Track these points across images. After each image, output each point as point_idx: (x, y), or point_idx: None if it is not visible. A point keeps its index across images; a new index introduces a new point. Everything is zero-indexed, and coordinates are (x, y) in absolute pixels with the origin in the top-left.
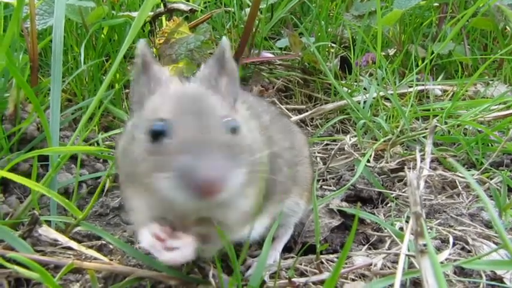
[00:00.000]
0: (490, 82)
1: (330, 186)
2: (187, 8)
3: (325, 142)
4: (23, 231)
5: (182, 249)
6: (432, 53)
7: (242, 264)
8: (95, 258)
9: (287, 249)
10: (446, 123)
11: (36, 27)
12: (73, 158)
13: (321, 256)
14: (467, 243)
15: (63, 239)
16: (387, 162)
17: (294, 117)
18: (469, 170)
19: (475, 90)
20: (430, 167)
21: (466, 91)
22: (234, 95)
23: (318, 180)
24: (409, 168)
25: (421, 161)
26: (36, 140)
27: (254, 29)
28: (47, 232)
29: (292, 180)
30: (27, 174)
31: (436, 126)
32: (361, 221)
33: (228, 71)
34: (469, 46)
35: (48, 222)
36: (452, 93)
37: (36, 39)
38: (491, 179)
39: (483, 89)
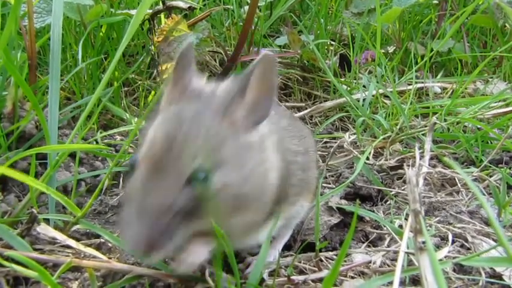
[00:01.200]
0: (490, 79)
1: (329, 183)
2: (186, 6)
3: (325, 140)
4: (22, 230)
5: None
6: (431, 50)
7: (241, 262)
8: (94, 257)
9: (286, 247)
10: (445, 120)
11: (34, 25)
12: (72, 156)
13: (320, 254)
14: (466, 240)
15: (61, 237)
16: (386, 160)
17: (294, 115)
18: (468, 168)
19: (475, 88)
20: (429, 165)
21: (466, 88)
22: (260, 115)
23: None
24: (408, 165)
25: (420, 159)
26: (34, 138)
27: (253, 27)
28: (45, 230)
29: (305, 183)
30: (26, 173)
31: (436, 123)
32: (360, 219)
33: (264, 89)
34: (469, 43)
35: (47, 221)
36: (451, 90)
37: (35, 37)
38: (490, 176)
39: (483, 87)
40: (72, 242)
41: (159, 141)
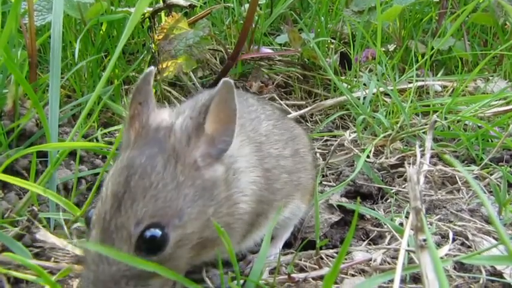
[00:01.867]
0: (490, 78)
1: (330, 182)
2: (187, 4)
3: (325, 138)
4: (22, 228)
5: None
6: (432, 48)
7: (242, 260)
8: None
9: (287, 245)
10: (446, 118)
11: (34, 23)
12: (72, 154)
13: (321, 251)
14: (467, 238)
15: (60, 244)
16: (387, 158)
17: (294, 113)
18: (469, 166)
19: (475, 86)
20: (430, 163)
21: (466, 87)
22: (222, 146)
23: (318, 176)
24: (409, 163)
25: (421, 157)
26: (35, 136)
27: (254, 25)
28: (44, 237)
29: (295, 185)
30: (27, 171)
31: (436, 121)
32: (361, 217)
33: (224, 119)
34: (469, 42)
35: (47, 219)
36: (452, 89)
37: (35, 35)
38: (491, 174)
39: (483, 85)
40: (71, 248)
41: (108, 200)
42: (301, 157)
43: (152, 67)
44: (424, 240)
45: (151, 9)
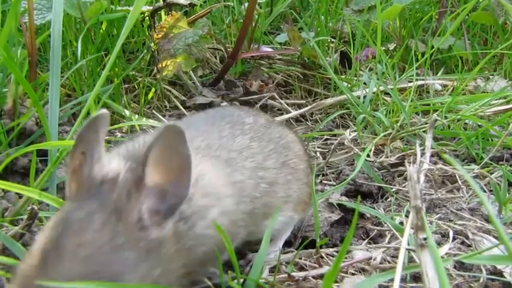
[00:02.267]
0: (490, 77)
1: (330, 180)
2: (187, 3)
3: (325, 137)
4: (22, 226)
5: None
6: (432, 47)
7: (242, 258)
8: None
9: (287, 243)
10: (446, 117)
11: (34, 22)
12: None
13: (321, 250)
14: (467, 237)
15: None
16: (387, 157)
17: (294, 112)
18: (469, 165)
19: (475, 85)
20: (430, 161)
21: (466, 86)
22: (173, 203)
23: (318, 175)
24: (410, 162)
25: (421, 156)
26: (35, 135)
27: (254, 24)
28: None
29: (283, 199)
30: (26, 169)
31: (437, 120)
32: (361, 216)
33: (172, 170)
34: (469, 41)
35: (48, 218)
36: (452, 88)
37: (35, 34)
38: (491, 173)
39: (483, 84)
40: None
41: (35, 255)
42: (291, 168)
43: (104, 110)
44: (425, 239)
45: (151, 8)
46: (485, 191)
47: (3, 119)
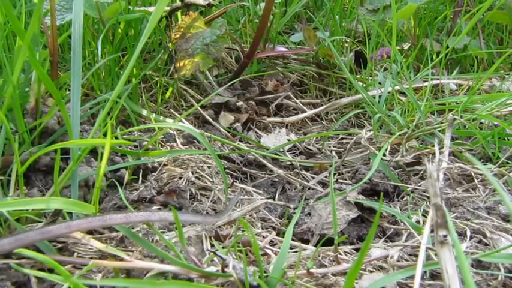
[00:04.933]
0: (506, 76)
1: (346, 179)
2: (205, 3)
3: (340, 136)
4: (46, 223)
5: None
6: (447, 47)
7: (263, 255)
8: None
9: (304, 241)
10: (461, 117)
11: (56, 23)
12: (91, 151)
13: (338, 248)
14: (484, 236)
15: (84, 239)
16: (403, 156)
17: (309, 112)
18: (485, 164)
19: (491, 85)
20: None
21: (482, 85)
22: None
23: (334, 174)
24: (428, 161)
25: (440, 154)
26: (56, 133)
27: (269, 24)
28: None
29: None
30: (48, 167)
31: (455, 119)
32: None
33: None
34: (485, 40)
35: (70, 214)
36: (467, 87)
37: (56, 34)
38: (508, 173)
39: (499, 83)
40: (96, 243)
41: None
42: None
43: None
44: (445, 236)
45: (168, 8)
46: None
47: (26, 118)
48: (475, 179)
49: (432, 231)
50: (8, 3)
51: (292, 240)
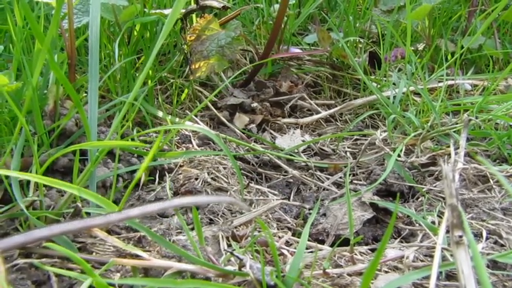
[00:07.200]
0: None
1: (360, 180)
2: (220, 5)
3: (355, 137)
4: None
5: None
6: (462, 47)
7: (279, 255)
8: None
9: (320, 241)
10: (477, 117)
11: (74, 26)
12: (109, 153)
13: (354, 248)
14: (500, 237)
15: (105, 237)
16: (418, 157)
17: (324, 112)
18: (500, 165)
19: (506, 85)
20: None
21: (497, 85)
22: None
23: (349, 175)
24: (444, 161)
25: (455, 155)
26: (74, 135)
27: (283, 25)
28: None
29: None
30: (66, 169)
31: (471, 119)
32: (392, 215)
33: None
34: (500, 40)
35: (88, 214)
36: (482, 87)
37: (74, 37)
38: None
39: None
40: (115, 241)
41: None
42: None
43: None
44: (460, 236)
45: (183, 10)
46: None
47: (45, 120)
48: (490, 180)
49: (448, 231)
50: (27, 7)
51: (308, 240)
